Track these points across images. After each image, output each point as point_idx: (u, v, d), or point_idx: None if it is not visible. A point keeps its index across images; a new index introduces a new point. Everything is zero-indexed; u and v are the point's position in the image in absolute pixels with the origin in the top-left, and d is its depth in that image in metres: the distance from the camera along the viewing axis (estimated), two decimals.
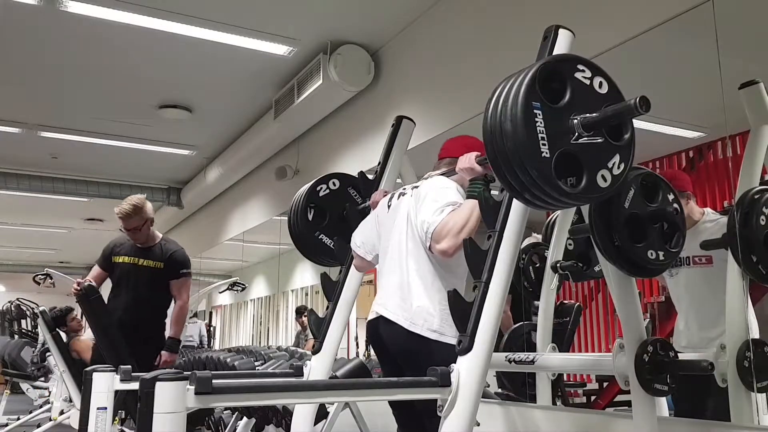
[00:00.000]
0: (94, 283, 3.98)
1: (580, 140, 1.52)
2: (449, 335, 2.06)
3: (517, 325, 3.53)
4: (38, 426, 5.48)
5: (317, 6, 4.22)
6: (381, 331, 2.20)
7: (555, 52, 1.97)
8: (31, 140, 6.65)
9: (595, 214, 1.86)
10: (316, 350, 2.51)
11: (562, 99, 1.54)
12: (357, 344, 8.59)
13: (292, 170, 5.95)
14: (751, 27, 3.09)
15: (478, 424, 1.67)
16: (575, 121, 1.53)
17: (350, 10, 4.27)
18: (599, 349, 5.23)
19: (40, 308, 5.76)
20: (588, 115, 1.54)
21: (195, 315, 10.66)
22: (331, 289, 2.63)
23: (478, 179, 2.03)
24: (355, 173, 2.87)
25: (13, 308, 7.92)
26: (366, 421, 3.36)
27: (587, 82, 1.58)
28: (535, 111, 1.48)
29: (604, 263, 1.97)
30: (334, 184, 2.82)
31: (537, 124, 1.47)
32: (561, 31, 1.99)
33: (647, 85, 4.62)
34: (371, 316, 2.26)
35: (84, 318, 5.67)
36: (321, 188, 2.80)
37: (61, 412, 5.49)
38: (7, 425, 6.16)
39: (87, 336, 5.96)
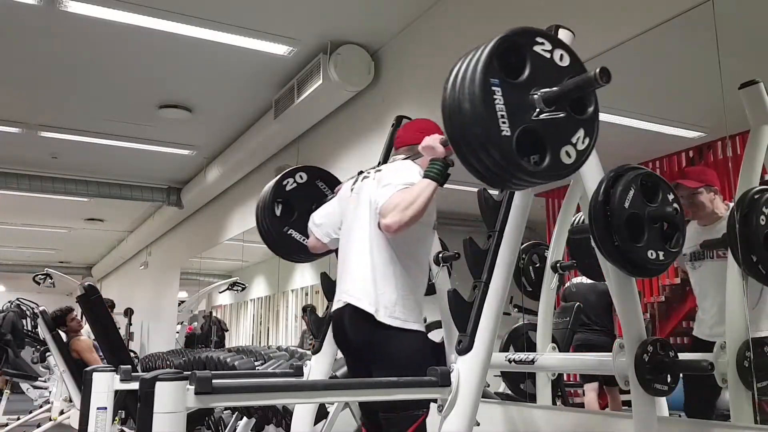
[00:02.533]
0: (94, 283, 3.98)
1: (542, 116, 1.46)
2: (412, 321, 2.06)
3: (518, 324, 3.53)
4: (38, 426, 5.48)
5: (317, 6, 4.22)
6: (347, 321, 2.14)
7: None
8: (31, 140, 6.66)
9: (595, 214, 1.86)
10: (316, 350, 2.51)
11: (522, 74, 1.48)
12: None
13: None
14: (751, 27, 3.09)
15: (478, 424, 1.67)
16: (536, 96, 1.47)
17: (350, 10, 4.27)
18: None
19: (40, 308, 5.77)
20: (548, 89, 1.48)
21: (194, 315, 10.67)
22: (331, 289, 2.62)
23: (438, 160, 2.00)
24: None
25: (13, 308, 7.92)
26: None
27: (547, 55, 1.53)
28: (494, 88, 1.42)
29: (604, 263, 1.97)
30: (301, 178, 2.72)
31: (496, 101, 1.41)
32: (561, 31, 1.99)
33: (647, 85, 4.62)
34: (337, 305, 2.19)
35: (84, 318, 5.68)
36: (288, 182, 2.69)
37: (61, 412, 5.50)
38: (7, 425, 6.17)
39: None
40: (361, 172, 2.37)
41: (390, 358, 2.03)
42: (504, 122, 1.41)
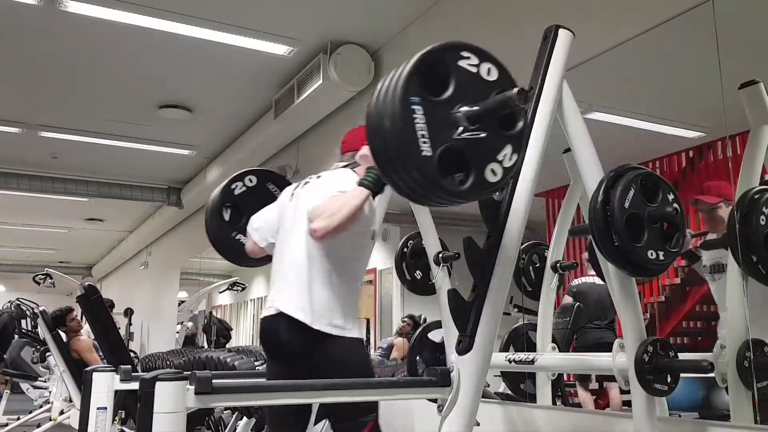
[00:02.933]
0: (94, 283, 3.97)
1: (465, 134, 1.43)
2: (351, 329, 2.04)
3: (518, 324, 3.54)
4: (38, 426, 5.48)
5: (317, 6, 4.22)
6: (280, 329, 2.08)
7: (555, 51, 1.98)
8: (31, 140, 6.65)
9: (595, 214, 1.86)
10: None
11: (446, 91, 1.45)
12: None
13: (292, 170, 5.95)
14: (751, 27, 3.09)
15: (478, 424, 1.67)
16: (459, 114, 1.44)
17: (350, 10, 4.27)
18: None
19: (40, 308, 5.77)
20: (470, 107, 1.45)
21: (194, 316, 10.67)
22: None
23: (374, 169, 1.97)
24: None
25: (13, 308, 7.92)
26: None
27: (474, 69, 1.49)
28: (414, 106, 1.39)
29: (604, 263, 1.97)
30: (250, 181, 2.66)
31: (416, 120, 1.39)
32: (561, 31, 1.99)
33: (647, 85, 4.63)
34: (269, 312, 2.13)
35: (84, 318, 5.68)
36: (236, 186, 2.65)
37: (61, 412, 5.50)
38: (7, 425, 6.17)
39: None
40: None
41: (330, 366, 1.99)
42: (425, 141, 1.38)
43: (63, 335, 5.65)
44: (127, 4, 4.05)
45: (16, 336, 7.62)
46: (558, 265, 3.05)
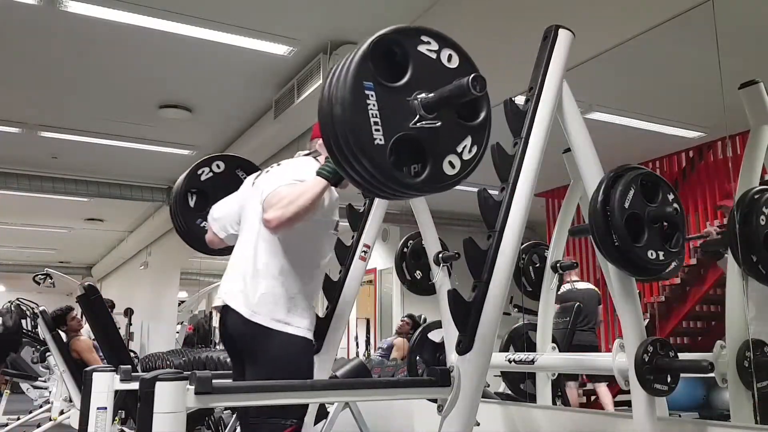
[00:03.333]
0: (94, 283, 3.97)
1: (422, 123, 1.35)
2: (296, 325, 1.95)
3: (518, 324, 3.54)
4: (38, 426, 5.47)
5: (317, 6, 4.22)
6: (227, 321, 2.01)
7: (555, 51, 1.98)
8: (31, 140, 6.65)
9: (595, 214, 1.86)
10: (316, 350, 2.51)
11: (403, 77, 1.36)
12: (357, 344, 8.60)
13: None
14: (751, 27, 3.09)
15: (478, 424, 1.67)
16: (416, 102, 1.36)
17: (350, 10, 4.27)
18: (599, 349, 5.23)
19: (40, 308, 5.76)
20: (425, 95, 1.37)
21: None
22: (331, 290, 2.62)
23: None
24: None
25: (13, 308, 7.91)
26: (366, 421, 3.37)
27: (433, 56, 1.41)
28: (367, 92, 1.30)
29: (604, 263, 1.97)
30: (218, 167, 2.56)
31: (369, 106, 1.30)
32: (561, 31, 1.99)
33: (647, 85, 4.63)
34: (217, 303, 2.06)
35: (84, 318, 5.67)
36: (203, 171, 2.54)
37: (61, 412, 5.49)
38: (7, 425, 6.16)
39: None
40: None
41: (263, 361, 1.92)
42: (378, 129, 1.30)
43: (63, 335, 5.65)
44: (127, 4, 4.05)
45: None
46: (558, 265, 3.05)
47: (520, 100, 1.95)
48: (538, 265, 3.30)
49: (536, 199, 1.91)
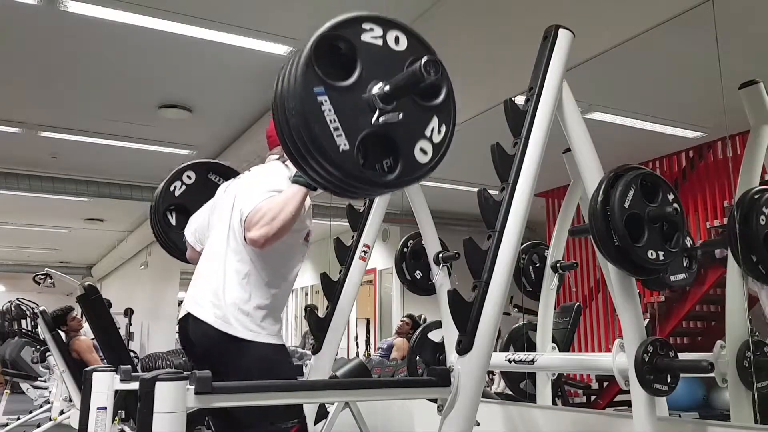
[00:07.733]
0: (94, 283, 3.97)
1: (384, 116, 1.27)
2: (265, 334, 1.92)
3: (518, 324, 3.54)
4: (38, 426, 5.47)
5: (317, 6, 4.21)
6: (190, 331, 1.97)
7: (555, 51, 1.98)
8: (31, 140, 6.65)
9: (595, 214, 1.86)
10: (316, 350, 2.51)
11: (353, 72, 1.29)
12: (357, 344, 8.60)
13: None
14: (751, 27, 3.09)
15: (478, 424, 1.67)
16: (372, 95, 1.28)
17: (350, 10, 4.27)
18: (599, 349, 5.24)
19: (40, 308, 5.76)
20: (381, 86, 1.29)
21: None
22: (331, 289, 2.63)
23: None
24: None
25: (13, 308, 7.92)
26: (366, 421, 3.37)
27: (379, 42, 1.34)
28: (320, 98, 1.23)
29: (604, 263, 1.97)
30: (189, 177, 2.48)
31: (325, 112, 1.23)
32: (561, 31, 1.99)
33: (647, 85, 4.63)
34: (181, 313, 2.02)
35: (84, 318, 5.68)
36: (175, 187, 2.46)
37: (61, 412, 5.49)
38: (7, 425, 6.16)
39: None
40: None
41: (235, 371, 1.87)
42: (339, 135, 1.23)
43: (63, 335, 5.65)
44: (127, 4, 4.05)
45: (16, 336, 7.63)
46: (558, 265, 3.05)
47: (520, 100, 1.96)
48: (538, 265, 3.30)
49: (536, 199, 1.91)
